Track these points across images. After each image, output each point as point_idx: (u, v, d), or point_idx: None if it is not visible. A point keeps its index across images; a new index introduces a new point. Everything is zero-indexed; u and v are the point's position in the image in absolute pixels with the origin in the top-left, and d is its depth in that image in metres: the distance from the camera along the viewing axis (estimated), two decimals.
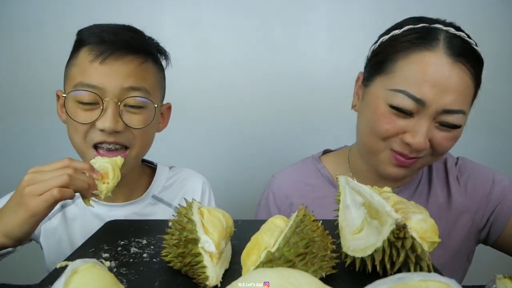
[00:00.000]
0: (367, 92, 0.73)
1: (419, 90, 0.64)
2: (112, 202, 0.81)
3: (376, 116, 0.69)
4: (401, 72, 0.66)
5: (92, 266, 0.39)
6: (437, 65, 0.63)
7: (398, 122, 0.67)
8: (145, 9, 1.29)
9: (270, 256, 0.42)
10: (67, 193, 0.55)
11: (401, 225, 0.40)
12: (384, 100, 0.67)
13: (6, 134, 1.35)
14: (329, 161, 0.87)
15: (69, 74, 0.73)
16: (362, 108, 0.75)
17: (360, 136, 0.76)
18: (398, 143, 0.68)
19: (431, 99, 0.63)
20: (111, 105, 0.69)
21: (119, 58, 0.70)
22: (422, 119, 0.65)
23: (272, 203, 0.85)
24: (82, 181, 0.57)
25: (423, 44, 0.65)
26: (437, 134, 0.67)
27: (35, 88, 1.31)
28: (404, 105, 0.65)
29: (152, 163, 0.92)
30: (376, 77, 0.71)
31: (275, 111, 1.34)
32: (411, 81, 0.64)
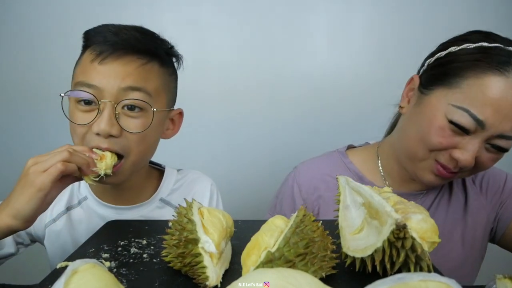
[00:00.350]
0: (423, 99, 0.72)
1: (482, 112, 0.64)
2: (119, 205, 0.80)
3: (433, 127, 0.68)
4: (468, 91, 0.65)
5: (92, 266, 0.39)
6: (506, 91, 0.63)
7: (453, 138, 0.67)
8: (145, 9, 1.29)
9: (270, 256, 0.42)
10: (70, 166, 0.59)
11: (401, 225, 0.40)
12: (444, 113, 0.67)
13: (6, 133, 1.35)
14: (356, 156, 0.87)
15: (74, 74, 0.73)
16: (414, 114, 0.73)
17: (405, 141, 0.75)
18: (445, 157, 0.69)
19: (491, 123, 0.64)
20: (107, 107, 0.67)
21: (118, 58, 0.68)
22: (476, 139, 0.66)
23: (298, 195, 0.84)
24: (81, 158, 0.62)
25: (497, 68, 0.64)
26: (485, 155, 0.68)
27: (36, 89, 1.31)
28: (465, 123, 0.65)
29: (160, 165, 0.90)
30: (438, 87, 0.69)
31: (275, 111, 1.34)
32: (477, 102, 0.64)
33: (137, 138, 0.70)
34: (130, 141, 0.70)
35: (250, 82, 1.32)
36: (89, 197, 0.80)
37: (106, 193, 0.79)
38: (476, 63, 0.65)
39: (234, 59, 1.31)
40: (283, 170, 0.96)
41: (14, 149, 1.35)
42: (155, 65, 0.73)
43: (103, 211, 0.79)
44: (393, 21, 1.26)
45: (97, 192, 0.80)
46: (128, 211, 0.79)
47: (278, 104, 1.34)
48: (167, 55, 0.77)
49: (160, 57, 0.74)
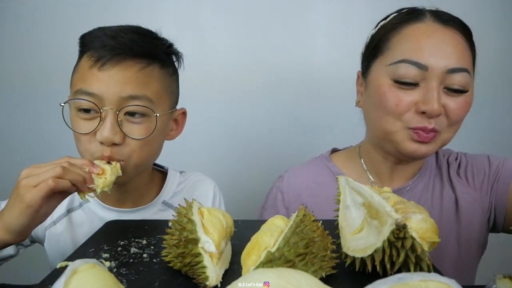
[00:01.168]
0: (368, 81, 0.75)
1: (419, 56, 0.65)
2: (121, 208, 0.79)
3: (383, 96, 0.69)
4: (397, 46, 0.69)
5: (92, 266, 0.39)
6: (429, 31, 0.67)
7: (406, 96, 0.67)
8: (145, 9, 1.29)
9: (270, 256, 0.42)
10: (61, 183, 0.56)
11: (401, 225, 0.40)
12: (387, 76, 0.68)
13: (6, 133, 1.35)
14: (339, 159, 0.87)
15: (72, 80, 0.71)
16: (367, 98, 0.75)
17: (372, 125, 0.75)
18: (414, 118, 0.67)
19: (432, 62, 0.65)
20: (109, 115, 0.65)
21: (118, 63, 0.67)
22: (428, 85, 0.66)
23: (280, 204, 0.85)
24: (76, 174, 0.58)
25: (412, 19, 0.69)
26: (448, 101, 0.67)
27: (36, 89, 1.31)
28: (408, 73, 0.66)
29: (163, 167, 0.89)
30: (373, 62, 0.73)
31: (275, 111, 1.34)
32: (409, 50, 0.67)
33: (141, 143, 0.69)
34: (134, 148, 0.69)
35: (250, 81, 1.32)
36: (91, 200, 0.80)
37: (108, 195, 0.78)
38: (395, 25, 0.71)
39: (234, 59, 1.31)
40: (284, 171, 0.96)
41: (14, 149, 1.35)
42: (155, 68, 0.71)
43: (104, 213, 0.78)
44: None
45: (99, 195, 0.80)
46: (130, 213, 0.79)
47: (279, 104, 1.34)
48: (166, 55, 0.75)
49: (159, 58, 0.72)
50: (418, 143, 0.69)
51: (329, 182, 0.83)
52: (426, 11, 0.70)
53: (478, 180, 0.79)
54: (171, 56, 0.78)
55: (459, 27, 0.69)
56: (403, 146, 0.70)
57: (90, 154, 0.68)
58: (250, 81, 1.32)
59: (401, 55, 0.67)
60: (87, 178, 0.59)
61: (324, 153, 0.90)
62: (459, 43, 0.67)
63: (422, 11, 0.70)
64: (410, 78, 0.66)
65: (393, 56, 0.68)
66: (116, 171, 0.64)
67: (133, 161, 0.70)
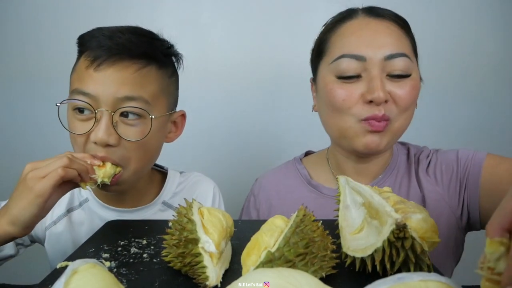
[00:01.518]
0: (317, 84, 0.78)
1: (355, 48, 0.68)
2: (121, 207, 0.79)
3: (330, 93, 0.71)
4: (336, 44, 0.72)
5: (92, 266, 0.39)
6: (362, 25, 0.71)
7: (351, 90, 0.69)
8: (145, 9, 1.29)
9: (270, 256, 0.42)
10: (70, 172, 0.58)
11: (401, 225, 0.40)
12: (331, 74, 0.71)
13: (5, 133, 1.35)
14: (310, 161, 0.89)
15: (70, 80, 0.71)
16: (319, 101, 0.78)
17: (327, 126, 0.77)
18: (363, 109, 0.68)
19: (369, 52, 0.68)
20: (104, 116, 0.65)
21: (114, 64, 0.66)
22: (370, 75, 0.68)
23: (252, 207, 0.86)
24: (81, 164, 0.61)
25: (346, 18, 0.73)
26: (393, 87, 0.68)
27: (35, 88, 1.32)
28: (349, 67, 0.69)
29: (163, 167, 0.89)
30: (319, 65, 0.76)
31: (275, 111, 1.34)
32: (347, 45, 0.70)
33: (136, 146, 0.68)
34: (129, 150, 0.68)
35: (250, 81, 1.32)
36: (91, 199, 0.80)
37: (108, 195, 0.79)
38: (332, 25, 0.75)
39: (234, 58, 1.31)
40: None
41: (15, 149, 1.35)
42: (153, 69, 0.71)
43: (104, 213, 0.78)
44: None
45: (99, 195, 0.80)
46: (130, 214, 0.79)
47: (279, 104, 1.34)
48: (165, 56, 0.75)
49: (157, 59, 0.72)
50: (371, 135, 0.69)
51: (297, 184, 0.84)
52: (358, 9, 0.75)
53: (446, 177, 0.76)
54: (170, 57, 0.77)
55: (392, 18, 0.72)
56: (357, 141, 0.71)
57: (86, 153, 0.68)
58: (250, 81, 1.32)
59: (340, 51, 0.70)
60: (89, 168, 0.62)
61: (297, 156, 0.91)
62: (393, 32, 0.70)
63: (355, 10, 0.75)
64: (351, 71, 0.69)
65: (333, 54, 0.71)
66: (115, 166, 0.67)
67: (131, 168, 0.69)
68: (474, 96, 1.31)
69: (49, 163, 0.58)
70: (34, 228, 0.60)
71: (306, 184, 0.83)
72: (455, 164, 0.76)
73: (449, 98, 1.32)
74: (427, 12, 1.28)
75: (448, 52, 1.29)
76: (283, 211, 0.73)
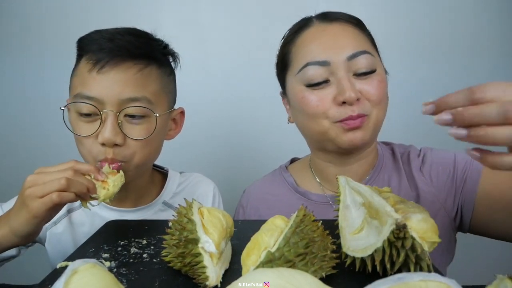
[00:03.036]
0: (288, 95, 0.79)
1: (318, 55, 0.70)
2: (122, 207, 0.80)
3: (302, 102, 0.72)
4: (297, 55, 0.73)
5: (92, 266, 0.39)
6: (319, 31, 0.73)
7: (322, 94, 0.70)
8: (145, 9, 1.29)
9: (270, 256, 0.42)
10: (66, 197, 0.56)
11: (401, 225, 0.40)
12: (299, 84, 0.72)
13: (5, 133, 1.35)
14: (295, 169, 0.89)
15: (71, 84, 0.72)
16: (293, 112, 0.79)
17: (307, 133, 0.78)
18: (337, 112, 0.69)
19: (331, 56, 0.69)
20: (110, 117, 0.66)
21: (116, 66, 0.67)
22: (337, 78, 0.69)
23: (242, 218, 0.86)
24: (80, 185, 0.58)
25: (302, 28, 0.75)
26: (362, 85, 0.69)
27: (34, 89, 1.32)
28: (315, 74, 0.70)
29: (163, 168, 0.90)
30: (286, 77, 0.77)
31: (275, 111, 1.34)
32: (308, 54, 0.71)
33: (141, 144, 0.70)
34: (135, 148, 0.70)
35: (250, 81, 1.32)
36: (92, 202, 0.80)
37: None
38: (290, 37, 0.77)
39: (234, 58, 1.31)
40: None
41: (14, 150, 1.35)
42: (153, 68, 0.72)
43: (105, 213, 0.78)
44: (393, 20, 1.26)
45: None
46: (130, 213, 0.79)
47: (279, 104, 1.33)
48: (163, 56, 0.76)
49: (157, 59, 0.73)
50: (351, 131, 0.70)
51: (285, 192, 0.84)
52: (313, 17, 0.76)
53: (442, 179, 0.76)
54: (167, 56, 0.78)
55: (346, 19, 0.74)
56: (339, 140, 0.71)
57: (92, 156, 0.69)
58: (250, 81, 1.32)
59: (303, 60, 0.71)
60: (90, 188, 0.59)
61: (283, 164, 0.92)
62: (349, 33, 0.72)
63: (309, 18, 0.76)
64: (318, 78, 0.70)
65: (298, 64, 0.72)
66: (119, 182, 0.64)
67: (134, 162, 0.71)
68: None
69: (49, 180, 0.56)
70: (36, 237, 0.61)
71: (293, 192, 0.83)
72: (452, 167, 0.76)
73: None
74: (426, 9, 1.28)
75: (447, 51, 1.30)
76: None
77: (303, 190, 0.83)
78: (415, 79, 1.25)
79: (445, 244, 0.76)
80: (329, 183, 0.82)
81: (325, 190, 0.82)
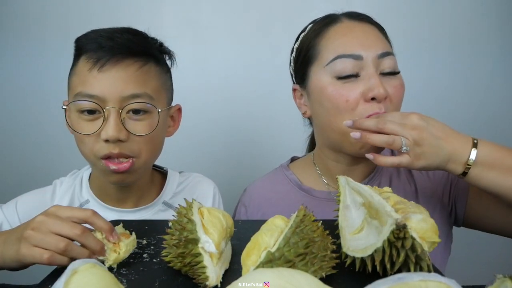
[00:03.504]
0: (309, 89, 0.77)
1: (350, 48, 0.70)
2: (121, 208, 0.79)
3: (332, 96, 0.71)
4: (327, 47, 0.73)
5: (92, 266, 0.39)
6: (350, 27, 0.74)
7: (351, 90, 0.70)
8: (145, 9, 1.29)
9: (270, 256, 0.42)
10: (58, 260, 0.51)
11: (401, 225, 0.40)
12: (328, 76, 0.72)
13: (5, 133, 1.35)
14: (297, 167, 0.89)
15: (71, 84, 0.72)
16: (314, 104, 0.77)
17: (327, 129, 0.75)
18: (364, 108, 0.69)
19: (363, 51, 0.70)
20: (112, 113, 0.66)
21: (117, 64, 0.68)
22: (368, 73, 0.70)
23: (244, 217, 0.86)
24: (80, 252, 0.51)
25: (331, 23, 0.76)
26: (386, 85, 0.70)
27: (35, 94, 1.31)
28: (346, 67, 0.70)
29: (162, 168, 0.90)
30: (309, 69, 0.76)
31: (275, 111, 1.34)
32: (340, 46, 0.71)
33: (145, 140, 0.70)
34: (139, 144, 0.70)
35: (250, 81, 1.32)
36: (91, 201, 0.80)
37: (109, 196, 0.79)
38: (318, 31, 0.76)
39: (234, 58, 1.31)
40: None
41: (15, 149, 1.35)
42: (152, 66, 0.73)
43: (105, 214, 0.78)
44: (394, 19, 1.26)
45: (100, 195, 0.80)
46: (131, 214, 0.79)
47: (279, 104, 1.34)
48: (160, 53, 0.77)
49: (155, 56, 0.74)
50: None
51: (288, 190, 0.84)
52: (339, 15, 0.78)
53: (437, 175, 0.79)
54: (164, 54, 0.79)
55: (371, 21, 0.76)
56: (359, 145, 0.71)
57: (94, 154, 0.69)
58: (250, 81, 1.32)
59: (334, 53, 0.71)
60: (97, 251, 0.52)
61: (283, 163, 0.92)
62: (376, 33, 0.74)
63: (336, 15, 0.77)
64: (349, 70, 0.70)
65: (327, 56, 0.72)
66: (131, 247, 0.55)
67: (143, 158, 0.72)
68: (474, 97, 1.32)
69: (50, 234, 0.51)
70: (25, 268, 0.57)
71: (297, 189, 0.84)
72: None
73: (449, 99, 1.32)
74: (426, 9, 1.28)
75: (447, 51, 1.30)
76: None
77: (307, 187, 0.83)
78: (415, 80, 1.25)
79: (443, 240, 0.77)
80: (335, 181, 0.81)
81: (329, 187, 0.82)
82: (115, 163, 0.69)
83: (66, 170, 0.87)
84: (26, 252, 0.51)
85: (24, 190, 0.82)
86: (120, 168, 0.69)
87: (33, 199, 0.79)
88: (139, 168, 0.72)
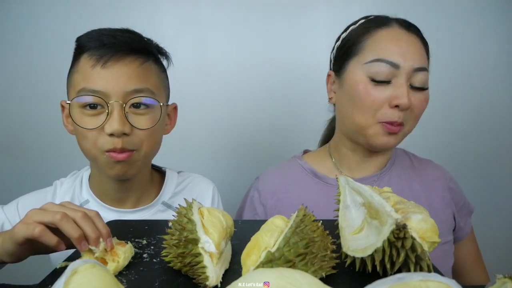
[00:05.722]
0: (343, 79, 0.80)
1: (391, 55, 0.73)
2: (121, 208, 0.80)
3: (362, 93, 0.75)
4: (370, 47, 0.76)
5: (92, 266, 0.39)
6: (397, 35, 0.76)
7: (380, 93, 0.73)
8: (145, 9, 1.28)
9: (270, 256, 0.42)
10: (47, 237, 0.50)
11: (401, 225, 0.40)
12: (363, 74, 0.75)
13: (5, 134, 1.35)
14: (311, 157, 0.92)
15: (72, 81, 0.73)
16: (342, 94, 0.81)
17: (347, 120, 0.80)
18: (385, 113, 0.74)
19: (401, 61, 0.72)
20: (116, 108, 0.68)
21: (119, 60, 0.70)
22: (399, 82, 0.73)
23: (257, 202, 0.88)
24: (73, 228, 0.50)
25: (381, 25, 0.78)
26: (413, 96, 0.74)
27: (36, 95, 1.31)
28: (381, 71, 0.73)
29: (161, 168, 0.90)
30: (349, 61, 0.79)
31: (275, 111, 1.34)
32: (382, 51, 0.74)
33: (147, 133, 0.72)
34: (141, 137, 0.72)
35: (250, 81, 1.32)
36: (91, 201, 0.80)
37: (108, 196, 0.79)
38: (367, 29, 0.78)
39: (234, 58, 1.31)
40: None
41: (15, 150, 1.35)
42: (152, 63, 0.76)
43: (105, 214, 0.78)
44: None
45: (99, 195, 0.80)
46: (130, 214, 0.79)
47: (279, 104, 1.34)
48: (158, 53, 0.79)
49: (154, 54, 0.77)
50: (388, 136, 0.76)
51: (301, 177, 0.87)
52: (391, 19, 0.79)
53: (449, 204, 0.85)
54: (160, 53, 0.81)
55: (418, 33, 0.78)
56: (375, 140, 0.76)
57: (97, 148, 0.70)
58: (250, 81, 1.32)
59: (374, 54, 0.74)
60: (91, 238, 0.51)
61: (297, 154, 0.94)
62: (420, 47, 0.76)
63: (388, 18, 0.80)
64: (383, 76, 0.73)
65: (367, 56, 0.75)
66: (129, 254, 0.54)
67: (143, 151, 0.73)
68: (475, 99, 1.32)
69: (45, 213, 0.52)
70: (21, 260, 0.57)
71: (311, 176, 0.86)
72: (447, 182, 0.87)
73: (450, 101, 1.32)
74: (427, 14, 1.28)
75: (447, 51, 1.30)
76: (291, 203, 0.83)
77: (322, 175, 0.86)
78: None
79: (450, 247, 0.82)
80: (349, 170, 0.86)
81: (341, 174, 0.85)
82: (117, 153, 0.70)
83: (66, 171, 0.87)
84: (20, 226, 0.51)
85: (24, 191, 0.82)
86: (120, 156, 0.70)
87: (34, 200, 0.79)
88: (138, 160, 0.73)
